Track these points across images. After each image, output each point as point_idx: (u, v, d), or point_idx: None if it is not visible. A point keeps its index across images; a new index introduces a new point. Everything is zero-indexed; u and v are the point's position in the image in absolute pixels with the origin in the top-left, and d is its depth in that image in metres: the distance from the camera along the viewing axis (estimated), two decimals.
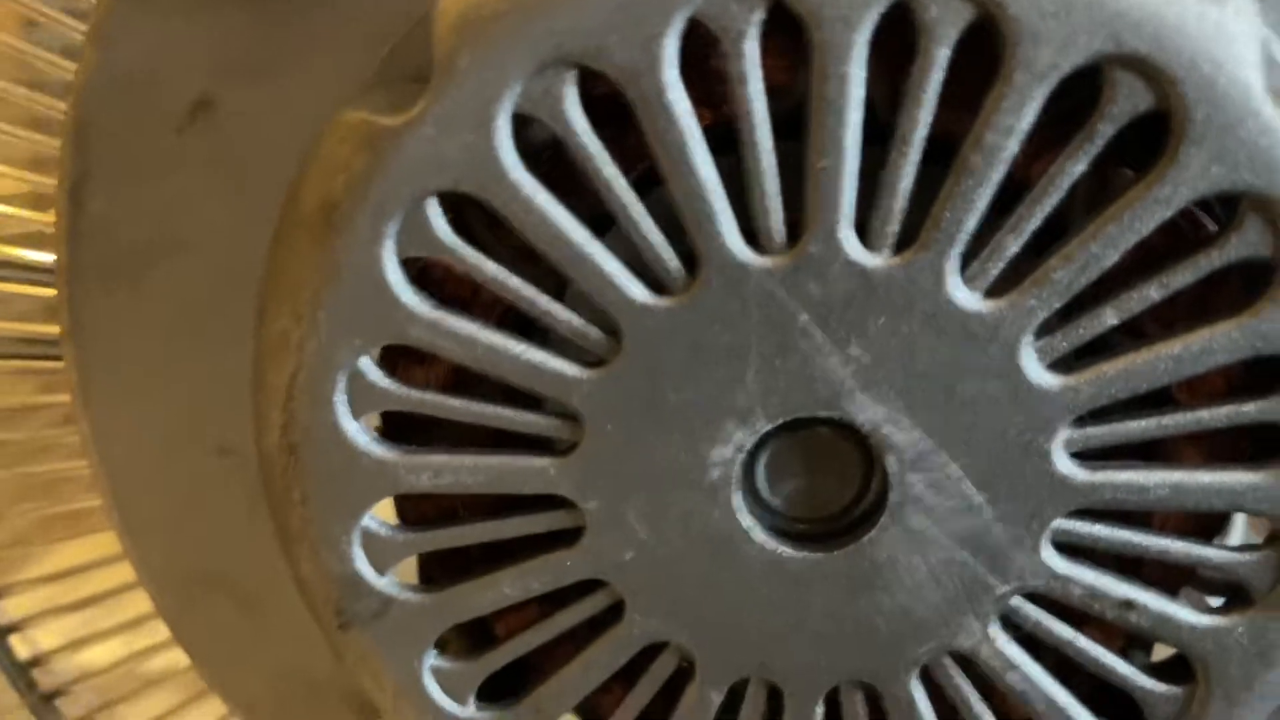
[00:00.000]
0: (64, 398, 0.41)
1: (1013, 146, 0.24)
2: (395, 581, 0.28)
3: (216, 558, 0.32)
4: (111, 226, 0.30)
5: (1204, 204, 0.26)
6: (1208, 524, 0.29)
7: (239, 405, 0.30)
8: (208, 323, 0.30)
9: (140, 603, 0.38)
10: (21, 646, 0.42)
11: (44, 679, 0.42)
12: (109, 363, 0.31)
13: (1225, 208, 0.26)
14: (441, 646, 0.29)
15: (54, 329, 0.36)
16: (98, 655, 0.43)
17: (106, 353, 0.31)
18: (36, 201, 0.38)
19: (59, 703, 0.42)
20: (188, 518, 0.32)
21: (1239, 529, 0.31)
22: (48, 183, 0.36)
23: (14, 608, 0.42)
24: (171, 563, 0.33)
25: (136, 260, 0.30)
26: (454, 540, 0.28)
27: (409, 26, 0.28)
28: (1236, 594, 0.28)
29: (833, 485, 0.27)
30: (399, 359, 0.27)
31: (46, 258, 0.38)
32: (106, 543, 0.42)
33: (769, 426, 0.26)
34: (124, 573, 0.39)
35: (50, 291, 0.38)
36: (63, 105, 0.38)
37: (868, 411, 0.26)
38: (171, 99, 0.29)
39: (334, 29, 0.29)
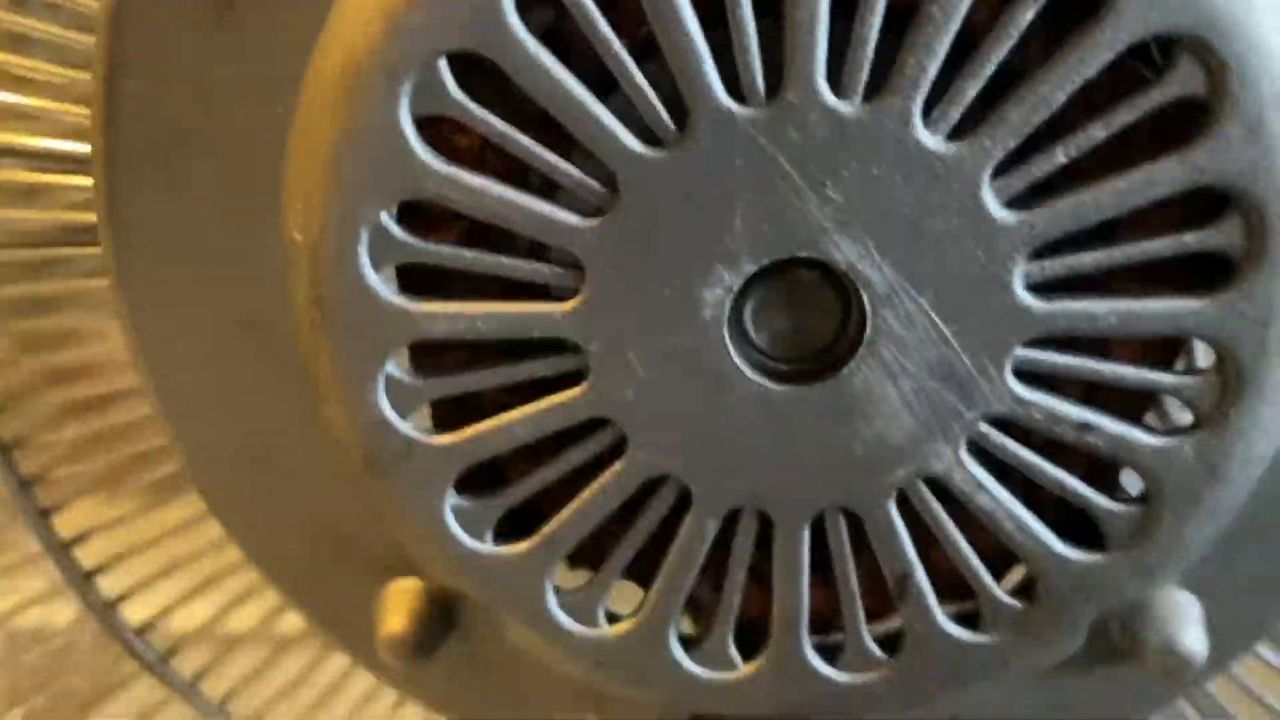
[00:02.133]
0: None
1: None
2: (417, 425, 0.31)
3: (249, 429, 0.35)
4: (146, 113, 0.32)
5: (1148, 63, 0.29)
6: (1160, 358, 0.32)
7: (267, 279, 0.33)
8: (238, 203, 0.33)
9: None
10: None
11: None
12: (145, 246, 0.34)
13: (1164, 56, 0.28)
14: (461, 491, 0.31)
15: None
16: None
17: (142, 236, 0.33)
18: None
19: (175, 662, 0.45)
20: (221, 392, 0.35)
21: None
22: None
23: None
24: (208, 437, 0.35)
25: (171, 144, 0.32)
26: (470, 385, 0.30)
27: None
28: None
29: (814, 324, 0.30)
30: (411, 226, 0.30)
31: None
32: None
33: (754, 268, 0.28)
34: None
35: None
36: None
37: (843, 250, 0.28)
38: None
39: None
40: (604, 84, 0.28)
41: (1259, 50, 0.26)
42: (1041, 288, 0.29)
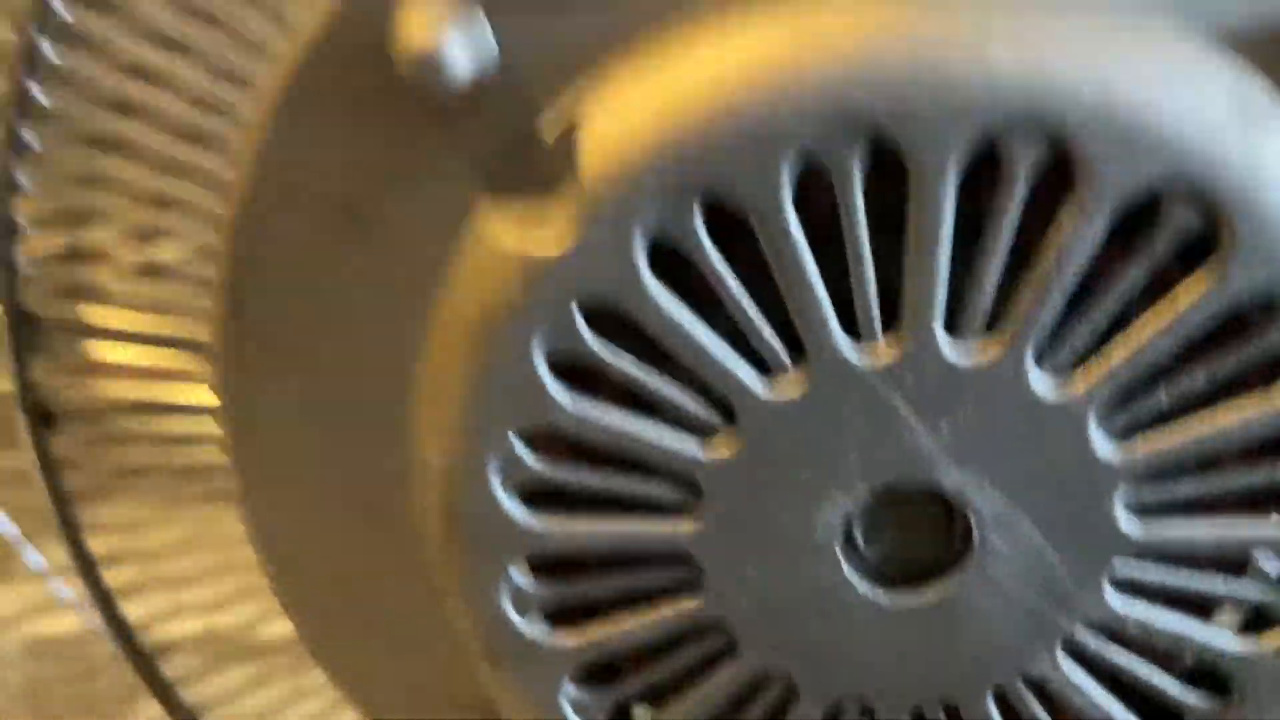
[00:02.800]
0: None
1: (1082, 255, 0.28)
2: (538, 627, 0.32)
3: (365, 602, 0.36)
4: (269, 326, 0.33)
5: None
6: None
7: (391, 486, 0.34)
8: (360, 416, 0.33)
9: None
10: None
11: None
12: (264, 441, 0.34)
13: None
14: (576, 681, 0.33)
15: None
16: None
17: (262, 432, 0.34)
18: None
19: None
20: (343, 580, 0.36)
21: None
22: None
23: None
24: (326, 616, 0.36)
25: (293, 357, 0.33)
26: (590, 592, 0.32)
27: (531, 133, 0.31)
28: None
29: (922, 539, 0.31)
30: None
31: None
32: None
33: (869, 496, 0.30)
34: None
35: None
36: None
37: (954, 479, 0.30)
38: (323, 207, 0.32)
39: (469, 133, 0.31)
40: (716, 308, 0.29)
41: None
42: (1140, 509, 0.30)
